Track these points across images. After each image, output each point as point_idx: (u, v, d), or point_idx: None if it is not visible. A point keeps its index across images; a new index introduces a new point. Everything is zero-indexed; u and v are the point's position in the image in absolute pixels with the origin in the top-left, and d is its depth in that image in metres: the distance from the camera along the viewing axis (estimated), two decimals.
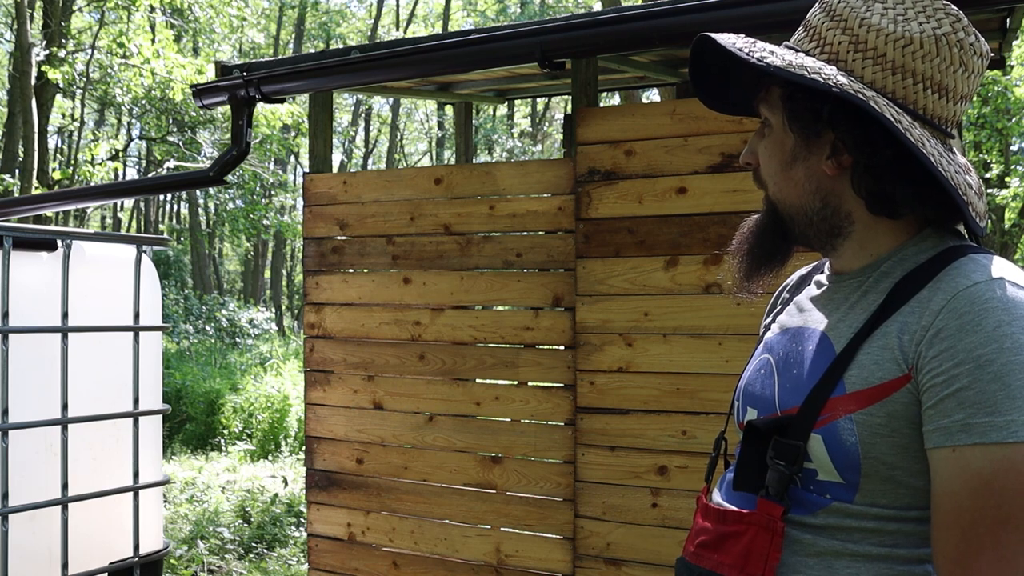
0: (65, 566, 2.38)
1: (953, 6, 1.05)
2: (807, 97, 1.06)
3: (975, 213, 1.04)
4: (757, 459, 1.08)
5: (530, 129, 23.86)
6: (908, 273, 1.05)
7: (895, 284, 1.05)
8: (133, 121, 20.55)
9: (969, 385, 0.92)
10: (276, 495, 6.55)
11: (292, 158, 23.67)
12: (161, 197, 25.93)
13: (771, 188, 1.15)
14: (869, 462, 1.00)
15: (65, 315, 2.41)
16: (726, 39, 1.08)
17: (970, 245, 1.06)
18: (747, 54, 1.05)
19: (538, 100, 20.91)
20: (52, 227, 3.63)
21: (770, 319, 1.28)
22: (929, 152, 0.99)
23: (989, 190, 12.43)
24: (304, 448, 3.73)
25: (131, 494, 2.61)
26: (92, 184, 11.68)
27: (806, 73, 1.02)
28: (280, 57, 7.38)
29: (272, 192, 20.96)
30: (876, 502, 1.02)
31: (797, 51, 1.11)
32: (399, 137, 28.05)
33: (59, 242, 2.45)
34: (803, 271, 1.29)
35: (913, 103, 1.04)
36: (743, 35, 1.11)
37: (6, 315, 2.26)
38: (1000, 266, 1.00)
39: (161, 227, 26.44)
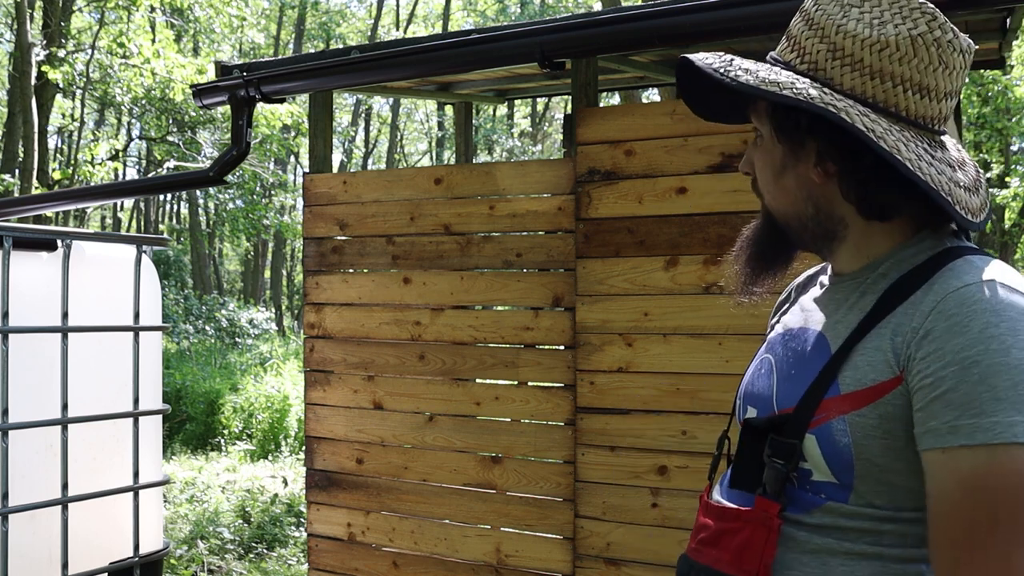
0: (65, 566, 2.38)
1: (930, 4, 1.06)
2: (787, 109, 1.08)
3: (964, 210, 1.04)
4: (754, 457, 1.09)
5: (530, 129, 23.85)
6: (904, 275, 1.05)
7: (890, 285, 1.05)
8: (133, 121, 20.54)
9: (955, 387, 0.93)
10: (276, 495, 6.55)
11: (292, 158, 23.67)
12: (161, 197, 25.92)
13: (767, 197, 1.18)
14: (862, 463, 1.01)
15: (65, 315, 2.41)
16: (703, 60, 1.11)
17: (967, 247, 1.06)
18: (722, 74, 1.07)
19: (538, 100, 20.90)
20: (52, 227, 3.63)
21: (776, 319, 1.30)
22: (906, 157, 1.00)
23: (989, 190, 12.39)
24: (304, 448, 3.73)
25: (131, 494, 2.61)
26: (92, 184, 11.68)
27: (777, 89, 1.04)
28: (280, 57, 7.38)
29: (272, 192, 20.97)
30: (871, 502, 1.02)
31: (776, 64, 1.13)
32: (399, 137, 28.04)
33: (59, 242, 2.45)
34: (811, 271, 1.30)
35: (895, 106, 1.05)
36: (720, 53, 1.13)
37: (6, 315, 2.26)
38: (994, 268, 1.00)
39: (161, 227, 26.44)
